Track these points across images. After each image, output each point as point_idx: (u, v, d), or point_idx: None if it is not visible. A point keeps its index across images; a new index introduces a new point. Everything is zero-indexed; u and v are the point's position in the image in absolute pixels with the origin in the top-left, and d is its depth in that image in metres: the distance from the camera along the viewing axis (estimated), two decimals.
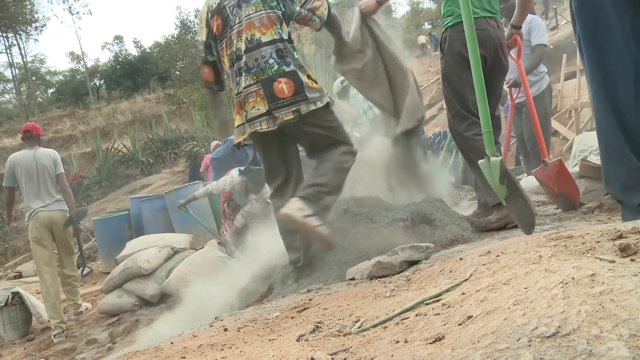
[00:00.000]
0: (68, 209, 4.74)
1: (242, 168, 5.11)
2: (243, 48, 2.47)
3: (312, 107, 2.47)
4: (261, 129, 2.48)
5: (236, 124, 2.59)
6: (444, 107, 9.90)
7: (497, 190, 1.98)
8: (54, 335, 4.32)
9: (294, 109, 2.44)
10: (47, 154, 4.71)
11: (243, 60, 2.48)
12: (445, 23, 2.69)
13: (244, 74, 2.49)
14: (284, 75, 2.44)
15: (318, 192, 2.40)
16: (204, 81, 2.82)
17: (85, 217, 5.16)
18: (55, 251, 4.74)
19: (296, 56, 2.50)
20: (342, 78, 4.97)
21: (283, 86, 2.43)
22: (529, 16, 3.73)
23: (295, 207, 2.30)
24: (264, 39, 2.45)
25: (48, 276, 4.51)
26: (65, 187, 4.78)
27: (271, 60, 2.44)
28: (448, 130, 6.94)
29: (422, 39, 20.85)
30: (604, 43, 1.65)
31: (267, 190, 5.77)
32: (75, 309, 4.96)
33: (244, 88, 2.49)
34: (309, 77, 2.51)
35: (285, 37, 2.49)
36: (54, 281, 4.55)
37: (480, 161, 2.06)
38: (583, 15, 1.69)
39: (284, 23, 2.49)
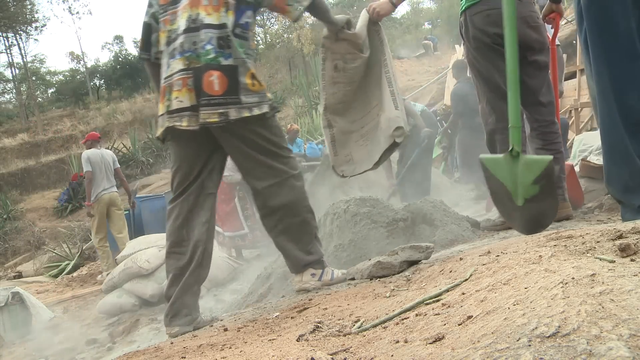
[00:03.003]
0: (125, 191, 7.00)
1: None
2: (183, 27, 2.10)
3: (245, 114, 2.06)
4: (181, 125, 2.08)
5: (159, 113, 2.20)
6: (444, 106, 9.92)
7: (522, 189, 1.70)
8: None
9: (221, 110, 2.03)
10: (109, 154, 6.68)
11: (179, 41, 2.10)
12: (461, 6, 2.47)
13: (177, 57, 2.10)
14: (218, 68, 2.04)
15: (308, 241, 2.22)
16: (139, 49, 2.35)
17: (136, 193, 7.10)
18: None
19: (240, 49, 2.09)
20: None
21: (214, 80, 2.02)
22: None
23: (307, 279, 2.20)
24: (207, 20, 2.06)
25: (97, 241, 6.52)
26: (121, 177, 6.78)
27: (209, 47, 2.04)
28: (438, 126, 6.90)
29: (426, 41, 21.31)
30: (611, 43, 1.64)
31: None
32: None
33: (175, 73, 2.10)
34: (252, 76, 2.10)
35: (229, 26, 2.09)
36: (104, 244, 6.54)
37: (483, 156, 1.83)
38: (591, 13, 1.68)
39: (230, 10, 2.09)
